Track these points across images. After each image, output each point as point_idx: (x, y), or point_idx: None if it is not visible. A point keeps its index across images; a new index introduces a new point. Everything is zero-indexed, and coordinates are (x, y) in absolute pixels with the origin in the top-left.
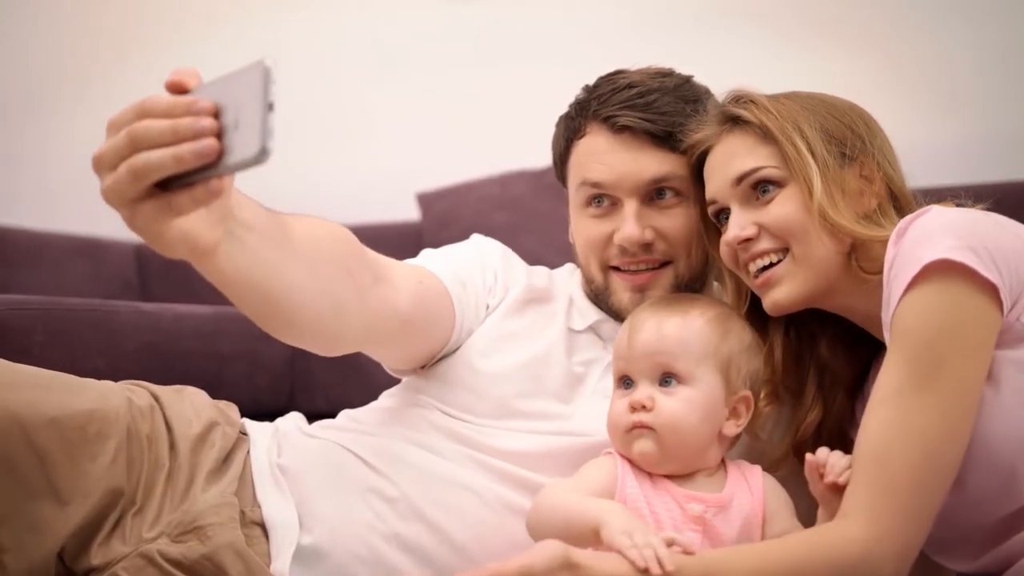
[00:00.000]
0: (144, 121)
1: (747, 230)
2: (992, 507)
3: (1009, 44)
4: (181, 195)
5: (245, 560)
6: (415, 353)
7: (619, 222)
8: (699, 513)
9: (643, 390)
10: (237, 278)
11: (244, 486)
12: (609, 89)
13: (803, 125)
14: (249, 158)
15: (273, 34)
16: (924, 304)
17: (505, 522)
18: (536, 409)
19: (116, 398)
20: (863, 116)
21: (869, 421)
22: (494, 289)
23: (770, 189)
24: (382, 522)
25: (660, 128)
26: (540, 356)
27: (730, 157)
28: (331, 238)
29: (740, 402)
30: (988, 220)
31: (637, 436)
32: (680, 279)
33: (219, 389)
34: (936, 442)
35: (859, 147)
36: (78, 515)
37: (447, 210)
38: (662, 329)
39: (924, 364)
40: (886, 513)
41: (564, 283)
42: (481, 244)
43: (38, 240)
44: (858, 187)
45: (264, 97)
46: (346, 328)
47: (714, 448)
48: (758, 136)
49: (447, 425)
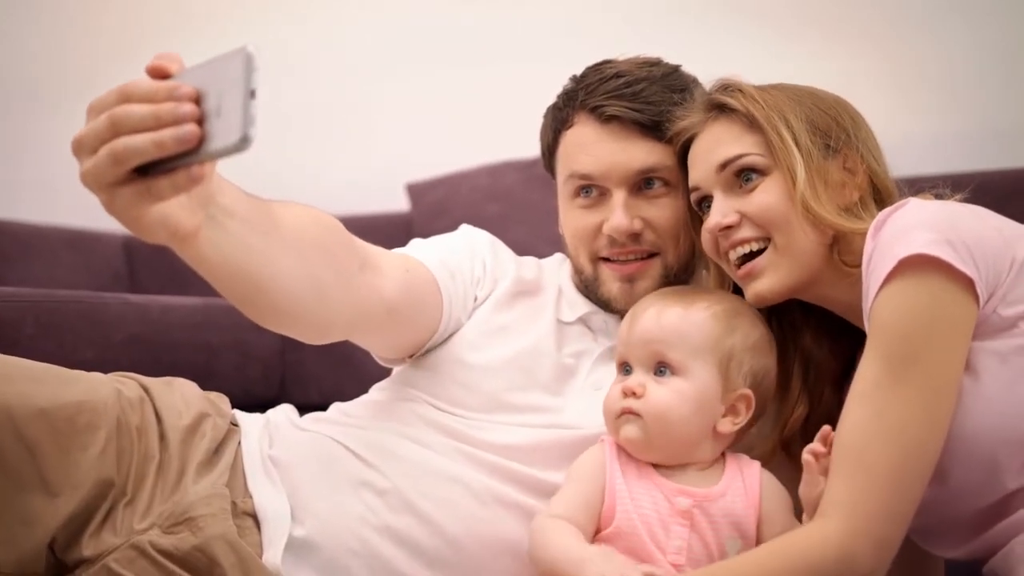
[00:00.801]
0: (125, 105)
1: (729, 217)
2: (975, 498)
3: (1008, 41)
4: (161, 181)
5: (237, 551)
6: (403, 342)
7: (608, 212)
8: (686, 507)
9: (636, 377)
10: (220, 264)
11: (235, 477)
12: (597, 79)
13: (789, 115)
14: (230, 145)
15: (267, 31)
16: (900, 299)
17: (496, 515)
18: (527, 402)
19: (105, 389)
20: (848, 109)
21: (847, 416)
22: (483, 280)
23: (753, 177)
24: (374, 515)
25: (648, 118)
26: (530, 349)
27: (715, 144)
28: (317, 225)
29: (739, 400)
30: (966, 212)
31: (625, 421)
32: (669, 269)
33: (209, 380)
34: (914, 436)
35: (843, 139)
36: (68, 506)
37: (437, 201)
38: (661, 318)
39: (900, 358)
40: (864, 509)
41: (553, 273)
42: (470, 235)
43: (27, 232)
44: (841, 179)
45: (246, 84)
46: (332, 315)
47: (708, 443)
48: (743, 124)
49: (437, 419)
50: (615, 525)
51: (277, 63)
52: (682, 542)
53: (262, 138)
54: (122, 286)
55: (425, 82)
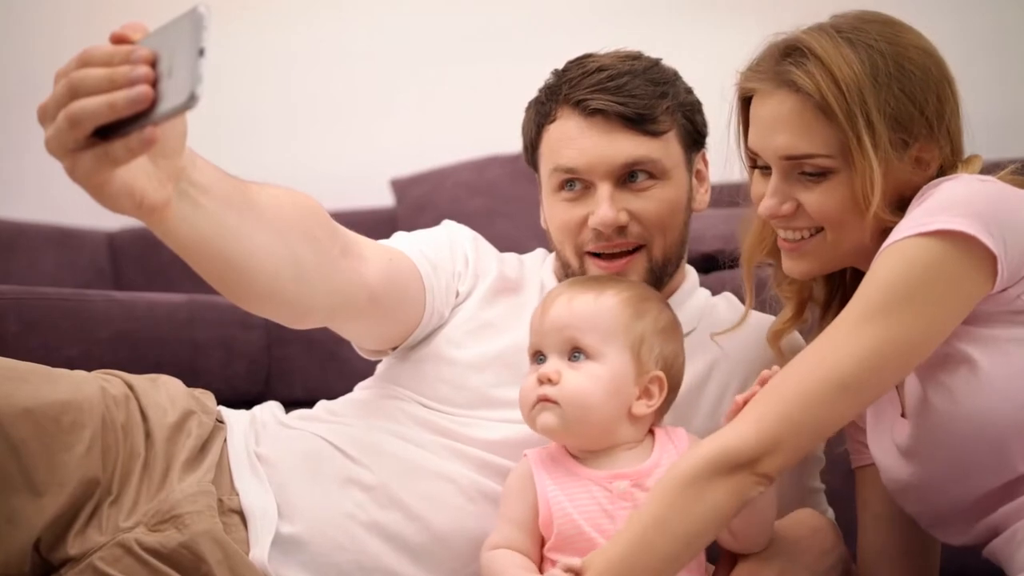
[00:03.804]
0: (82, 69)
1: (786, 205)
2: (982, 480)
3: (998, 33)
4: (116, 144)
5: (223, 547)
6: (386, 332)
7: (593, 206)
8: (625, 489)
9: (551, 363)
10: (195, 242)
11: (221, 474)
12: (579, 73)
13: (871, 107)
14: (179, 104)
15: (252, 29)
16: (905, 252)
17: (484, 511)
18: (514, 397)
19: (90, 388)
20: (938, 87)
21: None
22: (464, 275)
23: (819, 175)
24: (361, 511)
25: (632, 111)
26: (515, 345)
27: (781, 125)
28: (297, 205)
29: (652, 382)
30: (1014, 195)
31: (541, 410)
32: (655, 262)
33: (195, 377)
34: (842, 369)
35: (924, 132)
36: (54, 506)
37: (422, 196)
38: (572, 305)
39: (872, 306)
40: (755, 409)
41: (535, 270)
42: (453, 230)
43: (10, 229)
44: (910, 173)
45: (196, 43)
46: (311, 298)
47: (625, 426)
48: (816, 110)
49: (425, 416)
50: (556, 532)
51: (263, 59)
52: None
53: (247, 133)
54: (107, 283)
55: (409, 78)
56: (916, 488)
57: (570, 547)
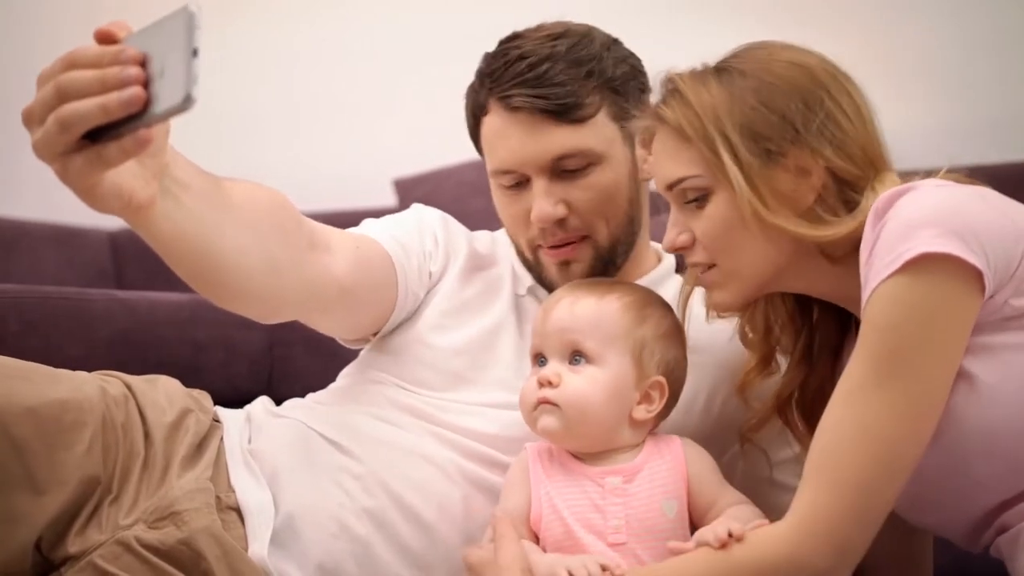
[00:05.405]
0: (71, 72)
1: (683, 236)
2: (995, 493)
3: (998, 33)
4: (110, 146)
5: (221, 544)
6: (362, 321)
7: (532, 199)
8: (617, 485)
9: (552, 367)
10: (176, 238)
11: (219, 472)
12: (502, 63)
13: (726, 123)
14: (174, 106)
15: (256, 29)
16: (897, 296)
17: (469, 495)
18: (492, 378)
19: (90, 387)
20: (805, 94)
21: (827, 416)
22: (435, 255)
23: (699, 197)
24: (352, 499)
25: (553, 103)
26: (492, 326)
27: (658, 157)
28: (268, 201)
29: (653, 387)
30: (970, 197)
31: (542, 412)
32: (600, 250)
33: (196, 377)
34: (890, 441)
35: (789, 139)
36: (55, 504)
37: (424, 196)
38: (575, 308)
39: (889, 359)
40: (825, 512)
41: (507, 246)
42: (420, 211)
43: (12, 229)
44: (791, 184)
45: (189, 43)
46: (283, 292)
47: (625, 430)
48: (680, 138)
49: (406, 400)
50: (544, 528)
51: (265, 59)
52: (620, 521)
53: (249, 133)
54: (108, 282)
55: (412, 77)
56: (926, 505)
57: (556, 546)
